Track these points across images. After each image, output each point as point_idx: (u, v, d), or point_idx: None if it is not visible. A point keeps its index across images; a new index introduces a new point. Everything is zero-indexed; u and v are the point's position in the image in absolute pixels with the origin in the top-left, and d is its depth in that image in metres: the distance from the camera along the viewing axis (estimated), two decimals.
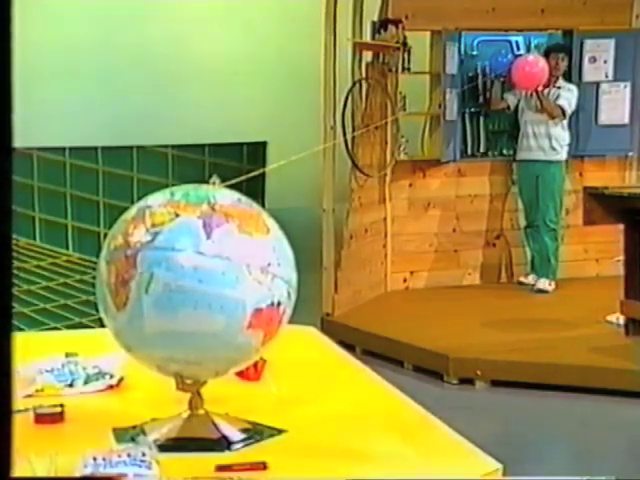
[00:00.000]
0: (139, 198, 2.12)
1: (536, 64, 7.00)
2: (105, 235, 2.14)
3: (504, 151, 7.65)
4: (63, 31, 8.69)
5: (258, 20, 9.46)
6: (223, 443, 2.09)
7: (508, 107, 7.40)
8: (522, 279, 7.50)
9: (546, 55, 7.22)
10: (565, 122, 7.17)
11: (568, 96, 7.14)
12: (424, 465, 2.04)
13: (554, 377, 5.40)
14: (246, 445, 2.10)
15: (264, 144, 9.51)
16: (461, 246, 7.61)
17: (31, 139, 7.36)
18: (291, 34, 8.98)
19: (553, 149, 7.15)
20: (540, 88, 7.00)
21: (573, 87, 7.25)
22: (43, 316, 6.64)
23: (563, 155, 7.18)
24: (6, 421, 0.89)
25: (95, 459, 1.89)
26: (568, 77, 7.39)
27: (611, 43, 7.50)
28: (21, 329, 5.38)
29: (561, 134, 7.17)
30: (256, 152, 9.53)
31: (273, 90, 9.48)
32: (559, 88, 7.17)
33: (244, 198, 2.11)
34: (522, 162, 7.31)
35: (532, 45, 7.65)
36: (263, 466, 1.95)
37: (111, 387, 2.48)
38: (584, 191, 6.26)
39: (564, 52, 7.26)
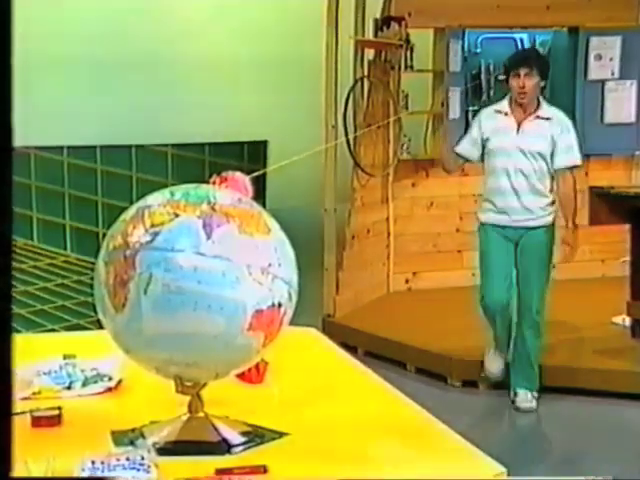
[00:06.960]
0: (138, 198, 2.11)
1: None
2: (104, 235, 2.12)
3: None
4: (62, 31, 8.67)
5: (259, 17, 9.45)
6: (223, 446, 2.08)
7: (466, 161, 5.50)
8: None
9: (506, 72, 5.11)
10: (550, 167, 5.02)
11: (572, 142, 5.00)
12: (427, 469, 2.03)
13: (559, 379, 5.36)
14: (246, 448, 2.09)
15: (265, 143, 9.49)
16: (464, 246, 7.57)
17: (29, 138, 7.33)
18: (293, 32, 8.96)
19: (543, 209, 5.01)
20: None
21: (564, 118, 5.07)
22: (40, 317, 6.62)
23: (554, 213, 5.07)
24: (6, 421, 0.90)
25: (93, 463, 1.88)
26: (572, 78, 7.30)
27: (617, 40, 7.44)
28: (18, 331, 5.36)
29: (548, 183, 5.02)
30: (257, 151, 9.51)
31: (274, 88, 9.46)
32: (540, 118, 4.98)
33: (245, 198, 2.10)
34: (494, 227, 5.16)
35: (537, 42, 7.60)
36: (263, 470, 1.94)
37: (109, 389, 2.47)
38: (590, 191, 6.23)
39: (528, 66, 4.89)
